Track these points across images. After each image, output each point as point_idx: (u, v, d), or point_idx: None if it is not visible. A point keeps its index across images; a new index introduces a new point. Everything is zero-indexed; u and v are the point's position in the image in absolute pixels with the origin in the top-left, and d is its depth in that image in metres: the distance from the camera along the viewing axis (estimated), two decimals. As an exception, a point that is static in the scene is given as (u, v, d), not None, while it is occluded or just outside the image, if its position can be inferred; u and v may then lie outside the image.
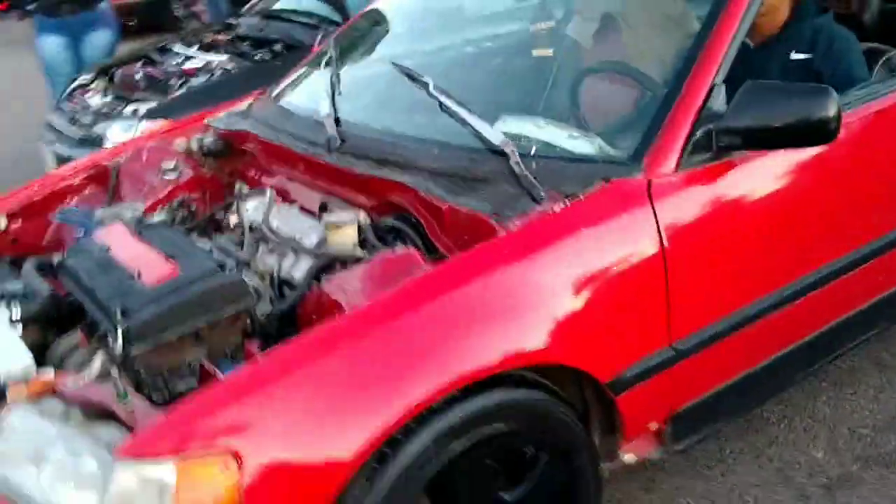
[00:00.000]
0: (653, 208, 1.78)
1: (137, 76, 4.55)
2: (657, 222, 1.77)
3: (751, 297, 1.96)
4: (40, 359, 1.88)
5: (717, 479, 2.28)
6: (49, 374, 1.68)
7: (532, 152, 1.87)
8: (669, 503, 2.22)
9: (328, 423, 1.45)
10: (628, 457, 1.96)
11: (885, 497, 2.16)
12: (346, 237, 1.93)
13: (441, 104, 2.07)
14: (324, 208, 2.15)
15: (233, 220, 2.23)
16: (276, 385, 1.46)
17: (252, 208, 2.19)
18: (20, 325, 1.86)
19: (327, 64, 2.58)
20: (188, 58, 4.72)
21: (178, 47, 4.88)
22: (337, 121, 2.30)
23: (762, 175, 1.95)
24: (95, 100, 4.47)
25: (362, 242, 1.95)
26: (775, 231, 1.97)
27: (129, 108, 4.12)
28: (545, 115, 2.21)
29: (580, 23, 2.67)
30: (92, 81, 4.68)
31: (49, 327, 1.98)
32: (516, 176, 1.85)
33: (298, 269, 1.91)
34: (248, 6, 5.30)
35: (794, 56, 2.53)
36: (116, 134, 3.99)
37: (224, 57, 4.61)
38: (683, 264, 1.81)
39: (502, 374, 1.61)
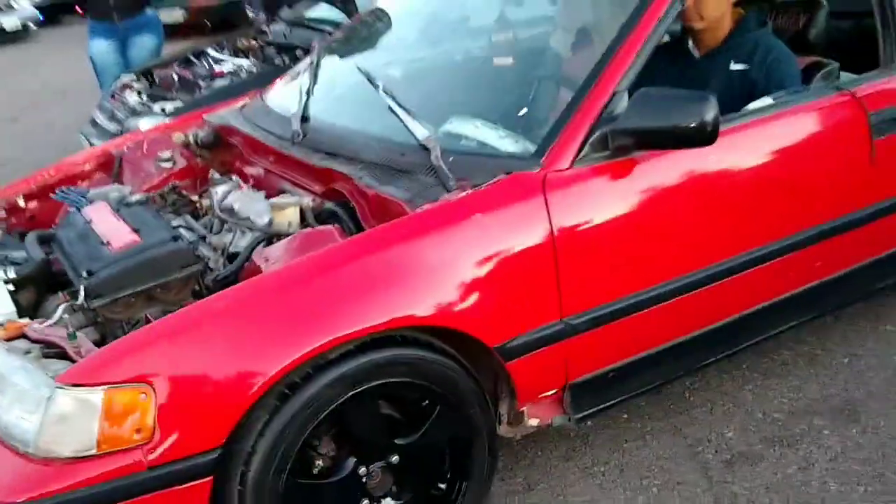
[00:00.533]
0: (545, 198, 2.02)
1: (172, 77, 4.97)
2: (548, 211, 2.02)
3: (642, 284, 2.18)
4: (34, 314, 2.23)
5: (633, 452, 2.49)
6: (23, 321, 2.01)
7: (440, 150, 2.12)
8: (586, 470, 2.43)
9: (232, 363, 1.73)
10: (532, 421, 2.20)
11: (780, 473, 2.35)
12: (287, 217, 2.22)
13: (388, 105, 2.34)
14: (280, 193, 2.45)
15: (205, 202, 2.55)
16: (190, 329, 1.76)
17: (220, 192, 2.50)
18: (11, 285, 2.19)
19: (310, 66, 2.90)
20: (219, 61, 5.11)
21: (212, 51, 5.27)
22: (305, 118, 2.60)
23: (656, 173, 2.17)
24: (133, 98, 4.87)
25: (304, 223, 2.24)
26: (665, 226, 2.19)
27: (158, 107, 4.50)
28: (489, 117, 2.45)
29: (560, 35, 2.94)
30: (133, 81, 5.10)
31: (42, 289, 2.32)
32: (434, 169, 2.12)
33: (244, 242, 2.21)
34: (282, 14, 5.67)
35: (734, 66, 2.73)
36: (146, 128, 4.38)
37: (251, 61, 5.00)
38: (573, 249, 2.05)
39: (396, 334, 1.88)
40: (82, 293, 1.99)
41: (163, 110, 4.46)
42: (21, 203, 2.84)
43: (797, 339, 2.94)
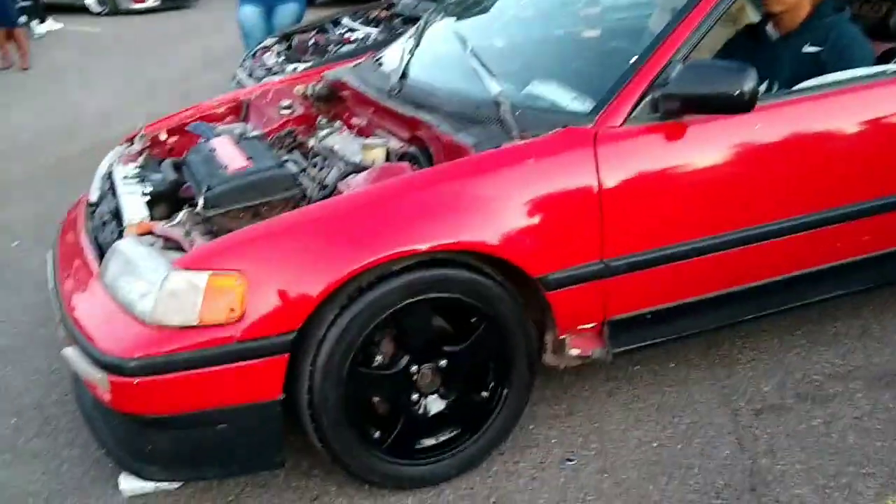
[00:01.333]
0: (594, 150, 2.29)
1: (309, 42, 5.45)
2: (597, 161, 2.29)
3: (681, 236, 2.42)
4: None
5: (671, 395, 2.73)
6: (152, 222, 2.46)
7: (509, 105, 2.42)
8: (624, 405, 2.69)
9: (312, 263, 2.10)
10: (573, 350, 2.48)
11: (805, 424, 2.54)
12: (374, 156, 2.58)
13: (472, 65, 2.66)
14: (376, 137, 2.82)
15: (311, 143, 2.95)
16: (281, 232, 2.15)
17: (324, 135, 2.90)
18: (147, 196, 2.66)
19: (417, 30, 3.26)
20: (351, 30, 5.56)
21: (346, 20, 5.73)
22: (404, 75, 2.96)
23: (703, 136, 2.40)
24: (271, 59, 5.37)
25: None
26: (708, 185, 2.42)
27: (290, 67, 4.97)
28: (567, 81, 2.71)
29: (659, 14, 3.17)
30: (273, 45, 5.62)
31: (172, 205, 2.78)
32: (502, 121, 2.42)
33: (335, 175, 2.58)
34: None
35: (807, 49, 2.90)
36: (278, 85, 4.86)
37: (379, 30, 5.40)
38: (617, 198, 2.32)
39: (451, 256, 2.20)
40: (201, 203, 2.42)
41: (295, 69, 4.92)
42: (163, 137, 3.33)
43: (855, 312, 3.08)
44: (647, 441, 2.51)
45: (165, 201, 2.78)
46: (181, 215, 2.43)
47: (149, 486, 2.27)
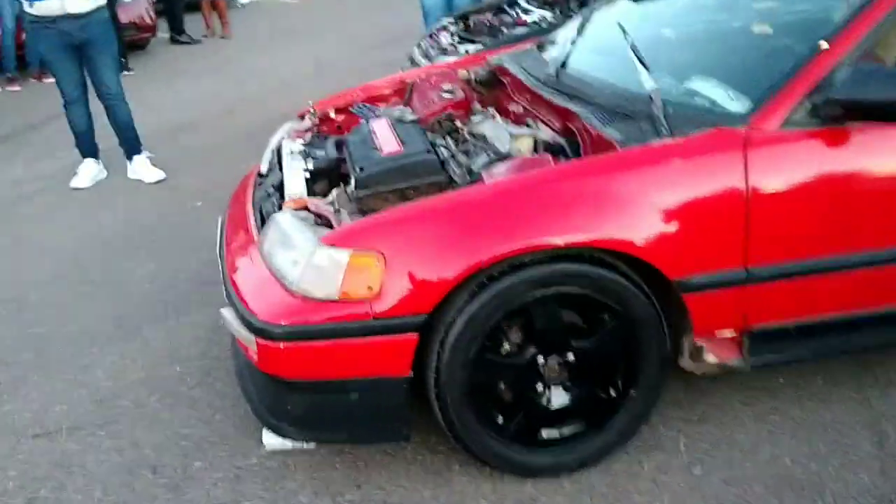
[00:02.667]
0: (744, 153, 2.22)
1: (484, 23, 5.52)
2: (746, 165, 2.21)
3: (837, 249, 2.30)
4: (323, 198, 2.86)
5: (813, 412, 2.60)
6: (307, 198, 2.61)
7: (661, 101, 2.38)
8: (760, 417, 2.60)
9: (448, 249, 2.17)
10: (710, 357, 2.42)
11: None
12: (522, 145, 2.62)
13: (630, 58, 2.63)
14: (525, 125, 2.85)
15: (465, 129, 3.02)
16: (421, 217, 2.23)
17: (477, 121, 2.96)
18: (307, 174, 2.82)
19: (583, 17, 3.25)
20: (527, 11, 5.57)
21: (522, 2, 5.74)
22: (563, 64, 2.97)
23: (871, 145, 2.27)
24: (446, 39, 5.49)
25: (536, 152, 2.62)
26: (870, 198, 2.28)
27: (463, 48, 5.06)
28: (727, 79, 2.63)
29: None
30: (451, 25, 5.73)
31: (331, 181, 2.93)
32: (653, 117, 2.39)
33: (481, 162, 2.64)
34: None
35: None
36: (447, 66, 4.96)
37: (555, 13, 5.39)
38: (767, 204, 2.24)
39: (586, 251, 2.21)
40: (352, 184, 2.55)
41: (466, 52, 5.01)
42: (332, 115, 3.50)
43: None
44: (779, 456, 2.42)
45: (326, 177, 2.95)
46: (333, 194, 2.57)
47: (288, 444, 2.43)
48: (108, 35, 5.30)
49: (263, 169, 3.15)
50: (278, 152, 3.14)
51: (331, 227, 2.43)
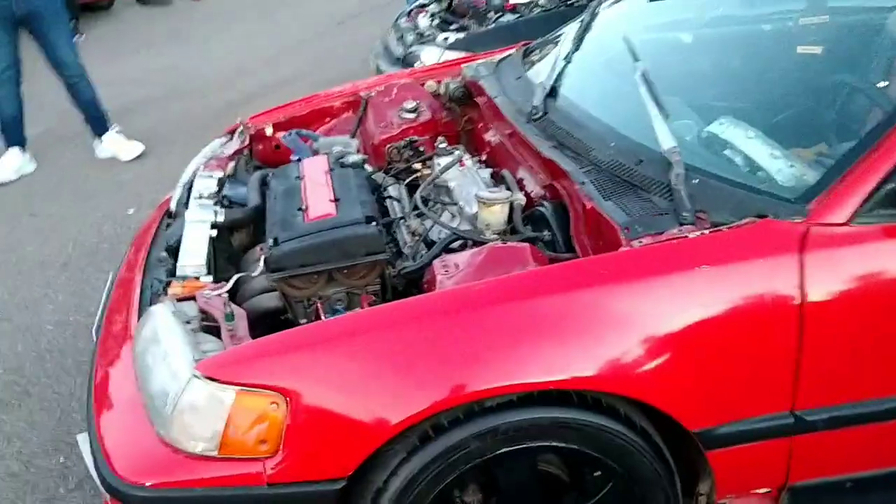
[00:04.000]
0: (801, 259, 1.56)
1: (468, 3, 4.79)
2: (802, 275, 1.56)
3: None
4: (242, 255, 2.21)
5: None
6: (203, 280, 1.94)
7: (683, 167, 1.71)
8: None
9: (377, 389, 1.52)
10: (735, 513, 1.80)
11: None
12: (493, 216, 1.95)
13: (640, 92, 1.96)
14: (501, 179, 2.18)
15: (426, 172, 2.35)
16: (339, 343, 1.56)
17: (442, 164, 2.28)
18: (215, 231, 2.15)
19: (580, 27, 2.56)
20: (518, -8, 4.84)
21: (514, -20, 5.01)
22: (553, 90, 2.29)
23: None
24: (425, 21, 4.77)
25: (511, 223, 1.96)
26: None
27: (442, 36, 4.35)
28: (769, 131, 1.95)
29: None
30: (433, 2, 5.00)
31: (256, 232, 2.28)
32: (671, 190, 1.73)
33: (443, 233, 1.98)
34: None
35: None
36: (427, 58, 4.27)
37: (547, -1, 4.67)
38: (829, 328, 1.59)
39: (572, 392, 1.57)
40: (262, 264, 1.89)
41: (445, 39, 4.31)
42: (269, 132, 2.82)
43: None
44: None
45: (245, 228, 2.30)
46: (231, 281, 1.91)
47: None
48: (57, 5, 4.59)
49: (173, 206, 2.48)
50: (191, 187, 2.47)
51: (218, 333, 1.77)
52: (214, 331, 1.76)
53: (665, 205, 1.73)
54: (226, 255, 2.27)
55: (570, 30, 2.69)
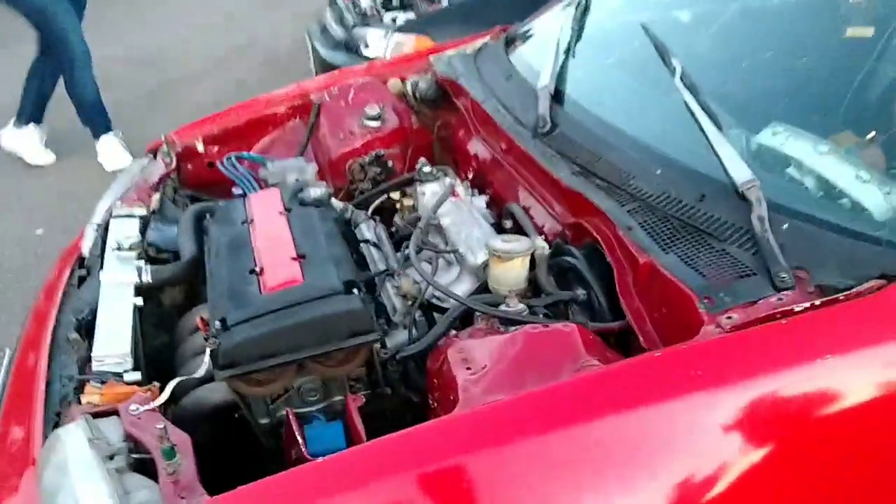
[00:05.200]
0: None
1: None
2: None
3: None
4: (178, 316, 1.72)
5: None
6: (129, 387, 1.43)
7: (767, 207, 1.28)
8: None
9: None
10: None
11: None
12: (513, 272, 1.49)
13: (684, 101, 1.52)
14: (510, 216, 1.72)
15: (406, 202, 1.87)
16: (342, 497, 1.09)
17: (429, 194, 1.81)
18: (140, 299, 1.65)
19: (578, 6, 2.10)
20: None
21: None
22: (558, 94, 1.84)
23: None
24: (366, 0, 4.24)
25: (532, 281, 1.51)
26: None
27: (388, 17, 3.84)
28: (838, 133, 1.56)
29: None
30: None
31: (193, 287, 1.79)
32: (756, 240, 1.30)
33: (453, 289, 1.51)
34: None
35: None
36: (374, 41, 3.77)
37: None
38: None
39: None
40: (207, 356, 1.40)
41: (393, 20, 3.81)
42: (200, 147, 2.30)
43: None
44: None
45: (179, 284, 1.80)
46: (168, 390, 1.40)
47: None
48: None
49: (85, 250, 1.95)
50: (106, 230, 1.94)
51: (154, 474, 1.26)
52: (148, 463, 1.26)
53: (747, 259, 1.30)
54: (154, 319, 1.78)
55: (559, 10, 2.23)
